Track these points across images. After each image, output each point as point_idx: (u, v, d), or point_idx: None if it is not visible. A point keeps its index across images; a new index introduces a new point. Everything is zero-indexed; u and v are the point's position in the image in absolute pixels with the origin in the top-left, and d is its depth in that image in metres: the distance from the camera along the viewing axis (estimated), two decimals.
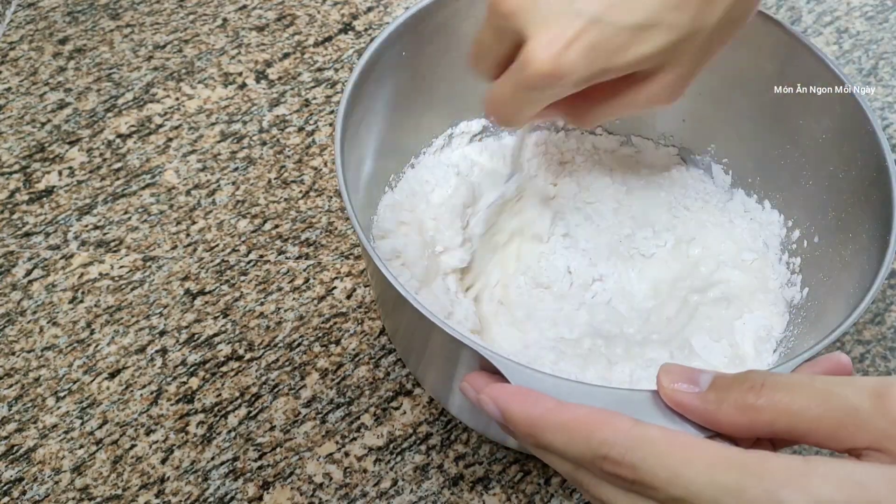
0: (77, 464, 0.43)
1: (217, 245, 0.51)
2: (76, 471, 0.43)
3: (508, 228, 0.46)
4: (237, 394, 0.46)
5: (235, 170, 0.55)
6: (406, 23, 0.41)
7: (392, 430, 0.45)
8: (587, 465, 0.26)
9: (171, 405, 0.45)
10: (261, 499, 0.42)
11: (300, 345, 0.48)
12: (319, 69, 0.61)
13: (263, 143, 0.56)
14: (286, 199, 0.54)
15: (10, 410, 0.45)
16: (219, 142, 0.56)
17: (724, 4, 0.32)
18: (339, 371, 0.47)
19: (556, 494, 0.43)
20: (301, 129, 0.57)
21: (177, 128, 0.57)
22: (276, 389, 0.46)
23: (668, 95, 0.34)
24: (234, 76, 0.60)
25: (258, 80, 0.60)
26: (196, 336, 0.48)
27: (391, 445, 0.44)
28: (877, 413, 0.23)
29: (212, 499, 0.42)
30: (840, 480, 0.22)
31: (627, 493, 0.25)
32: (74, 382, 0.46)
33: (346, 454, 0.44)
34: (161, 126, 0.57)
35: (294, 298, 0.49)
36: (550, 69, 0.31)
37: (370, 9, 0.65)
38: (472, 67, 0.36)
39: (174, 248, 0.51)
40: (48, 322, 0.48)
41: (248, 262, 0.51)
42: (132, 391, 0.46)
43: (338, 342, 0.48)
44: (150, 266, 0.50)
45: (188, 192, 0.54)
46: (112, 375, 0.46)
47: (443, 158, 0.49)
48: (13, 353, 0.47)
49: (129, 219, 0.52)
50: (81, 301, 0.49)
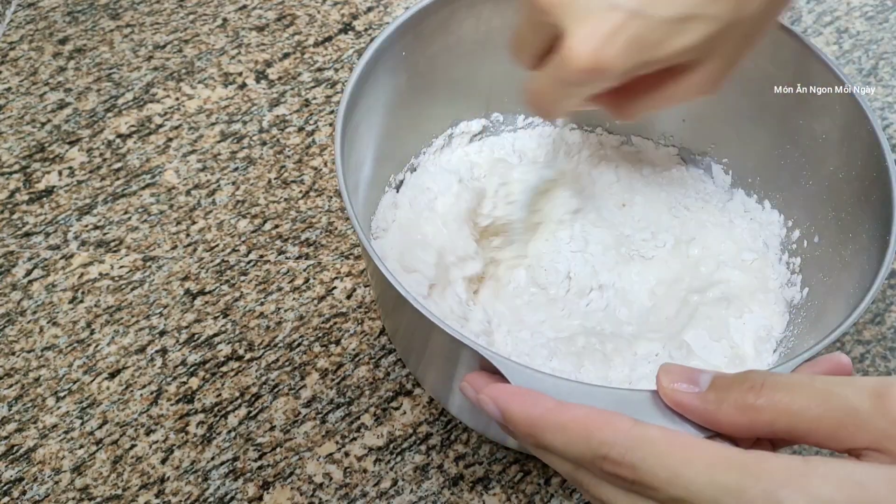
0: (77, 464, 0.43)
1: (217, 245, 0.51)
2: (76, 471, 0.43)
3: (544, 210, 0.47)
4: (237, 394, 0.46)
5: (235, 170, 0.55)
6: (406, 23, 0.41)
7: (392, 430, 0.45)
8: (587, 466, 0.26)
9: (171, 405, 0.45)
10: (261, 499, 0.42)
11: (300, 345, 0.48)
12: (319, 69, 0.61)
13: (263, 143, 0.56)
14: (286, 199, 0.54)
15: (10, 410, 0.45)
16: (219, 142, 0.56)
17: None
18: (339, 371, 0.47)
19: (556, 494, 0.43)
20: (301, 129, 0.57)
21: (177, 128, 0.57)
22: (276, 389, 0.46)
23: (710, 86, 0.34)
24: (234, 76, 0.60)
25: (258, 80, 0.60)
26: (196, 336, 0.48)
27: (391, 445, 0.44)
28: (877, 413, 0.23)
29: (212, 499, 0.42)
30: (840, 480, 0.22)
31: (627, 494, 0.25)
32: (74, 382, 0.46)
33: (346, 454, 0.44)
34: (161, 126, 0.57)
35: (294, 298, 0.49)
36: (591, 64, 0.31)
37: (370, 9, 0.65)
38: (512, 58, 0.36)
39: (174, 248, 0.51)
40: (48, 322, 0.48)
41: (248, 262, 0.51)
42: (132, 391, 0.46)
43: (338, 342, 0.48)
44: (150, 266, 0.50)
45: (188, 192, 0.54)
46: (112, 375, 0.46)
47: (443, 163, 0.49)
48: (13, 353, 0.47)
49: (129, 219, 0.52)
50: (81, 301, 0.49)
